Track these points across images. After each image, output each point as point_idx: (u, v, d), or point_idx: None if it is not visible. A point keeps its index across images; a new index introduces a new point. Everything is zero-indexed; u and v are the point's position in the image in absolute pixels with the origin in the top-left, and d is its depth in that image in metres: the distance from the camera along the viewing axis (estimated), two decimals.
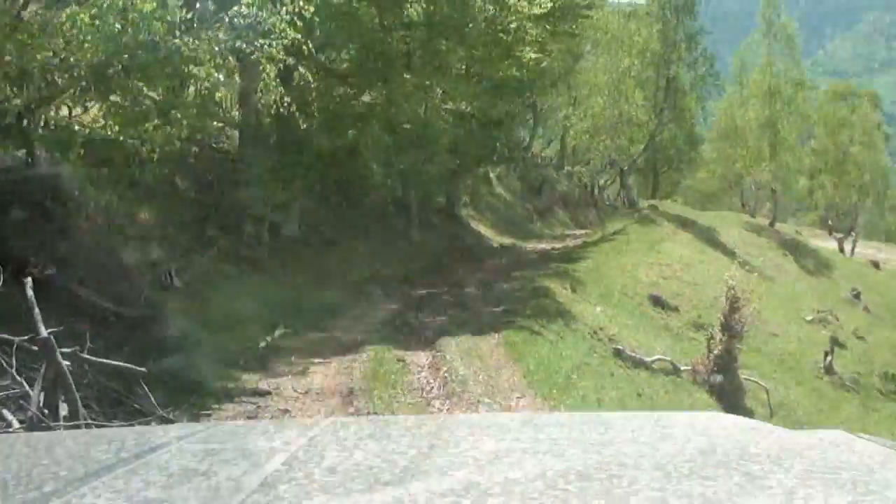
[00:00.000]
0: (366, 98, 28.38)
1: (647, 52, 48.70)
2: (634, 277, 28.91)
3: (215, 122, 27.64)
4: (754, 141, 53.46)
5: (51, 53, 14.14)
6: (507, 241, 41.91)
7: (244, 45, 16.26)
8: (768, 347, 27.13)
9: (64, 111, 14.54)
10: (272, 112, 25.52)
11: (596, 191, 72.31)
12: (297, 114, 25.23)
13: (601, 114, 45.64)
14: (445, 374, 13.91)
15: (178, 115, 21.52)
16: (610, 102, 45.34)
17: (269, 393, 13.14)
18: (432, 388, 13.41)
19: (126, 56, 14.36)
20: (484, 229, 42.53)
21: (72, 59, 14.41)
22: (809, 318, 33.63)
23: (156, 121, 15.83)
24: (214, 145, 28.99)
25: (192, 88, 28.30)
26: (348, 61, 29.50)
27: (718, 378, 21.28)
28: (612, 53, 46.30)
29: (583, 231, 51.94)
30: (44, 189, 15.48)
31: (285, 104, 19.96)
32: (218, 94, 27.25)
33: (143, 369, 11.42)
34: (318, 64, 28.24)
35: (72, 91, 15.13)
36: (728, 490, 1.75)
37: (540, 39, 32.51)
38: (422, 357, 15.68)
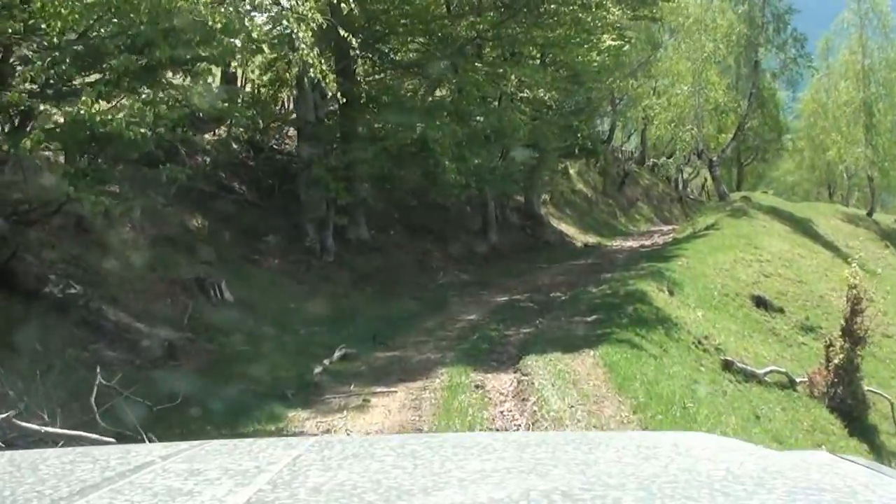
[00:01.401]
0: (435, 90, 26.11)
1: (731, 35, 45.87)
2: (733, 276, 26.42)
3: (271, 122, 25.89)
4: (847, 126, 50.33)
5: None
6: (590, 239, 40.09)
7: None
8: (883, 351, 24.50)
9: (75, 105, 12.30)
10: (333, 108, 23.56)
11: (680, 184, 70.04)
12: (361, 108, 23.22)
13: (686, 102, 42.81)
14: (534, 408, 11.49)
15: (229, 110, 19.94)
16: (694, 90, 42.52)
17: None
18: (519, 427, 10.95)
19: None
20: (565, 227, 40.50)
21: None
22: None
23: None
24: (276, 146, 27.16)
25: (246, 86, 26.80)
26: (415, 51, 27.38)
27: (839, 391, 18.69)
28: (694, 38, 43.43)
29: (669, 227, 50.31)
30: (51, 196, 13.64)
31: (342, 96, 17.79)
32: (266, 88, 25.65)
33: None
34: (382, 55, 26.18)
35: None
36: None
37: (619, 25, 30.25)
38: (504, 381, 13.29)
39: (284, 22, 15.11)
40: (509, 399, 12.34)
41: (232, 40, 14.13)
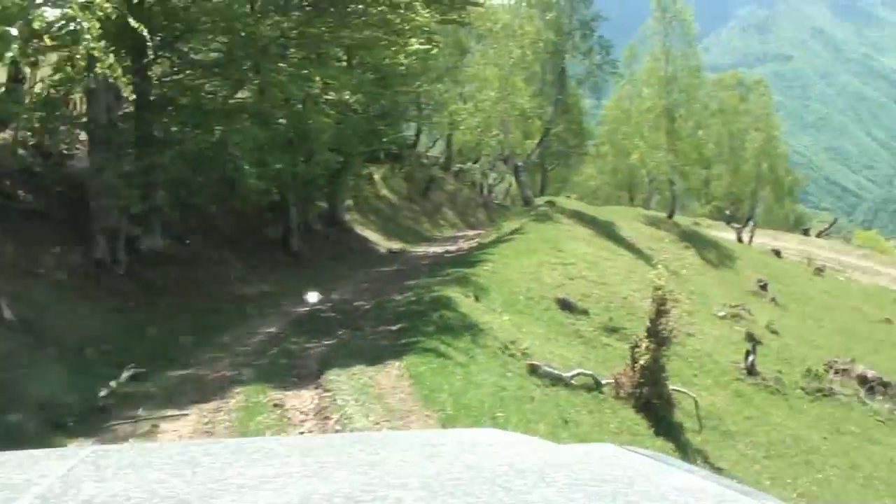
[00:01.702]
0: (237, 91, 25.14)
1: (539, 41, 46.19)
2: (539, 280, 26.41)
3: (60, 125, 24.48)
4: (650, 131, 51.33)
5: None
6: (395, 245, 39.59)
7: None
8: (685, 349, 24.75)
9: None
10: (128, 110, 22.40)
11: (485, 190, 70.45)
12: (158, 110, 22.15)
13: (492, 108, 42.80)
14: (337, 427, 10.84)
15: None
16: (501, 96, 42.55)
17: None
18: None
19: None
20: (370, 234, 39.97)
21: None
22: (721, 313, 31.47)
23: None
24: (66, 151, 25.72)
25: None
26: (216, 51, 26.33)
27: (645, 391, 18.64)
28: (501, 44, 43.46)
29: (474, 232, 50.31)
30: None
31: (137, 98, 16.78)
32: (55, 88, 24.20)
33: None
34: (182, 54, 25.05)
35: None
36: None
37: (427, 28, 29.86)
38: (305, 399, 12.53)
39: (68, 10, 13.87)
40: (310, 418, 11.65)
41: (8, 28, 12.97)
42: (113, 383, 13.22)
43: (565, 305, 24.64)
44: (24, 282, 19.17)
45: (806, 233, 71.13)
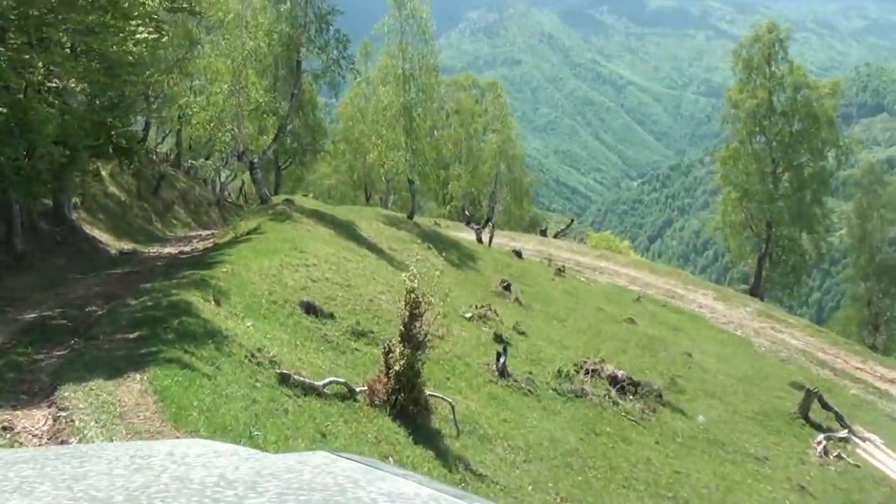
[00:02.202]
0: None
1: (273, 33, 44.99)
2: (281, 282, 25.42)
3: None
4: (388, 130, 50.97)
5: None
6: (126, 246, 38.35)
7: None
8: (436, 352, 24.17)
9: None
10: None
11: (218, 188, 69.07)
12: None
13: (225, 102, 41.31)
14: None
15: None
16: (234, 89, 41.14)
17: None
18: None
19: None
20: (99, 233, 38.34)
21: None
22: (469, 315, 31.27)
23: None
24: None
25: None
26: None
27: (401, 398, 18.01)
28: (234, 35, 42.02)
29: (208, 232, 49.73)
30: None
31: None
32: None
33: None
34: None
35: None
36: None
37: (156, 16, 28.35)
38: (38, 419, 11.10)
39: None
40: (45, 441, 10.35)
41: None
42: None
43: (310, 309, 23.73)
44: None
45: (543, 233, 72.29)
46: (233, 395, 13.53)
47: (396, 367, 18.02)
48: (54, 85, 24.78)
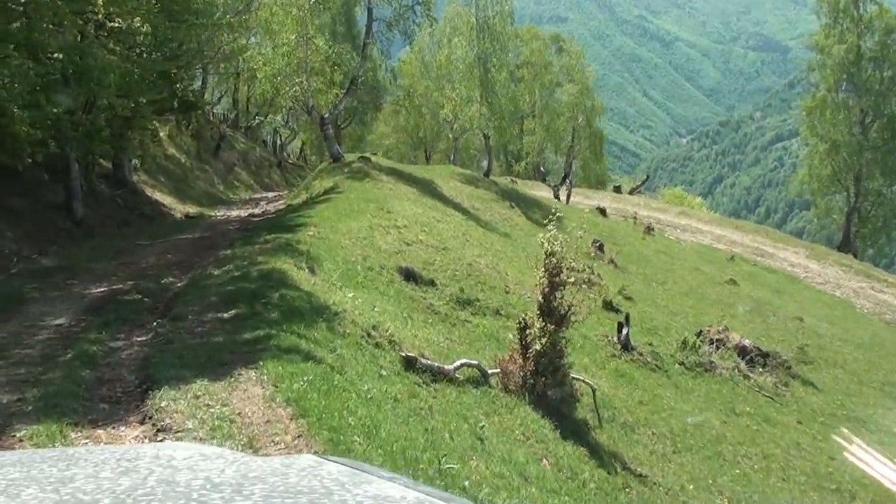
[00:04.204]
0: None
1: None
2: (373, 245, 22.83)
3: None
4: (462, 83, 48.02)
5: None
6: (191, 209, 36.38)
7: None
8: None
9: None
10: None
11: (277, 148, 67.25)
12: None
13: (292, 53, 38.50)
14: None
15: None
16: (301, 40, 38.26)
17: None
18: None
19: None
20: (161, 197, 36.25)
21: None
22: (571, 279, 28.26)
23: None
24: None
25: None
26: None
27: (543, 383, 15.10)
28: None
29: (273, 193, 47.77)
30: None
31: None
32: None
33: None
34: None
35: None
36: None
37: None
38: (130, 444, 8.21)
39: None
40: None
41: None
42: None
43: (409, 275, 21.15)
44: None
45: (618, 190, 69.08)
46: (375, 397, 10.61)
47: (536, 346, 15.14)
48: (116, 25, 21.97)
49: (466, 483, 8.75)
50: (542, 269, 15.90)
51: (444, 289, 21.31)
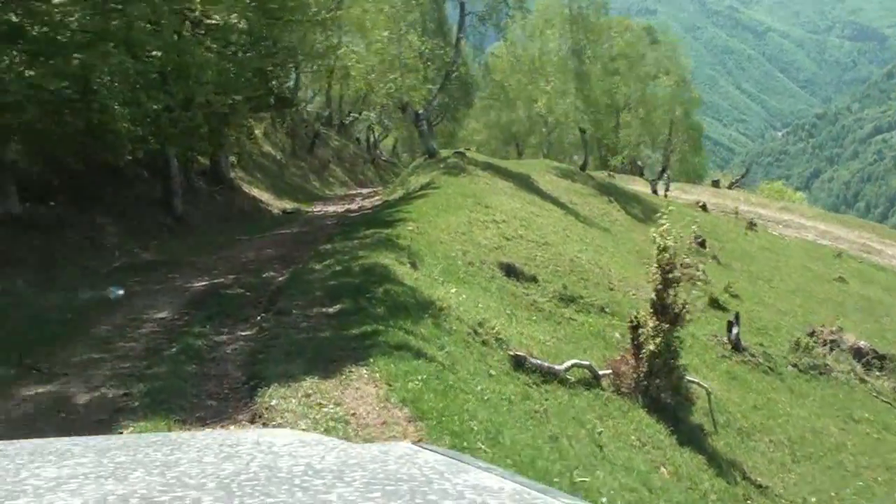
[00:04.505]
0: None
1: None
2: (473, 240, 22.52)
3: None
4: (556, 75, 47.46)
5: None
6: (287, 205, 36.21)
7: None
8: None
9: None
10: None
11: (371, 146, 67.27)
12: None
13: (385, 50, 38.32)
14: None
15: None
16: (394, 37, 38.07)
17: None
18: None
19: None
20: (258, 193, 36.35)
21: None
22: (684, 276, 27.67)
23: None
24: None
25: None
26: None
27: (657, 385, 14.70)
28: None
29: (368, 189, 47.80)
30: None
31: None
32: None
33: None
34: None
35: None
36: None
37: None
38: None
39: None
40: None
41: None
42: None
43: (510, 271, 20.89)
44: None
45: (716, 184, 67.78)
46: (492, 400, 10.33)
47: (650, 347, 14.72)
48: (213, 21, 21.96)
49: (604, 501, 8.45)
50: (655, 265, 15.45)
51: (547, 285, 21.00)
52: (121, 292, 15.82)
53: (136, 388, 9.45)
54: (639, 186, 53.47)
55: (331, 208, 36.43)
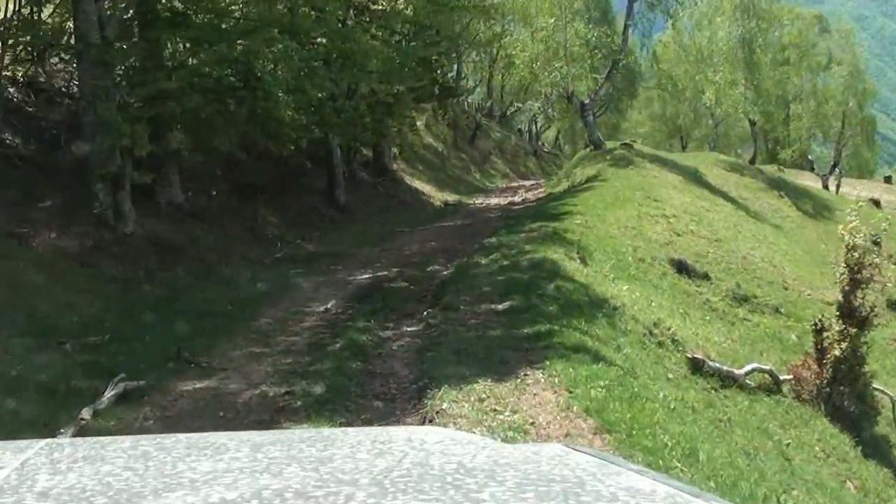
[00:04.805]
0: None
1: None
2: (642, 235, 21.71)
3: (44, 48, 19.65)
4: (726, 65, 45.97)
5: None
6: (449, 197, 35.84)
7: None
8: None
9: None
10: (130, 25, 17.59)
11: (533, 137, 66.70)
12: (166, 26, 17.19)
13: (551, 38, 37.57)
14: None
15: None
16: (561, 24, 37.29)
17: None
18: None
19: None
20: (420, 184, 35.99)
21: None
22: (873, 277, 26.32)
23: None
24: (65, 88, 20.94)
25: None
26: None
27: (841, 392, 13.68)
28: None
29: (530, 182, 47.23)
30: None
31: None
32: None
33: None
34: None
35: None
36: None
37: None
38: None
39: None
40: None
41: None
42: (86, 413, 8.18)
43: (682, 268, 20.04)
44: (6, 245, 14.47)
45: (888, 180, 64.90)
46: (675, 408, 9.50)
47: (835, 352, 13.70)
48: (380, 7, 21.58)
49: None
50: (843, 264, 14.41)
51: (719, 283, 20.20)
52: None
53: (299, 385, 8.93)
54: (808, 181, 51.50)
55: (493, 200, 35.77)
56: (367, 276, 16.58)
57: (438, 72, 29.22)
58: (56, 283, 14.01)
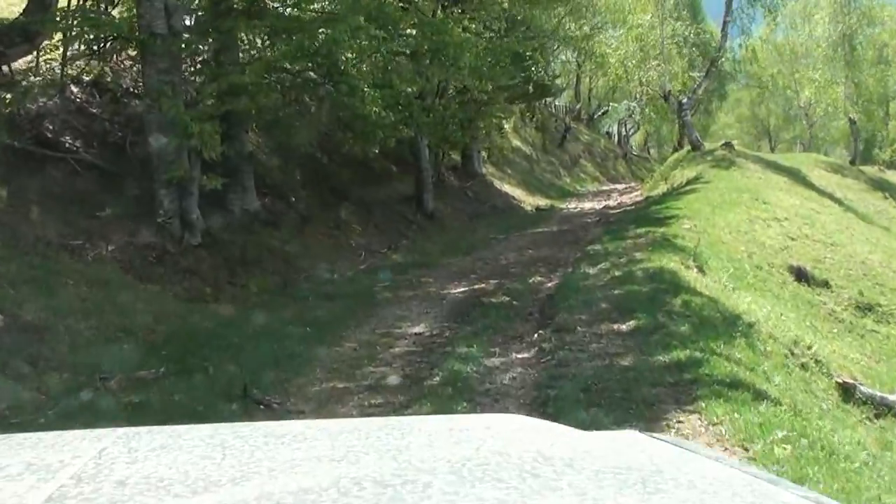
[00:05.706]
0: None
1: None
2: (755, 240, 20.28)
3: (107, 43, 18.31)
4: (825, 63, 44.11)
5: None
6: (540, 202, 34.37)
7: None
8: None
9: None
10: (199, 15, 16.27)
11: (622, 140, 65.55)
12: (240, 15, 15.71)
13: (648, 35, 36.01)
14: None
15: None
16: (658, 20, 35.70)
17: None
18: None
19: None
20: (509, 189, 34.65)
21: None
22: None
23: None
24: (133, 88, 19.56)
25: None
26: None
27: None
28: None
29: (623, 185, 47.06)
30: None
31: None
32: None
33: None
34: None
35: None
36: (521, 492, 1.71)
37: None
38: None
39: None
40: None
41: None
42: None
43: (800, 275, 18.69)
44: (53, 261, 13.03)
45: None
46: (844, 449, 7.64)
47: None
48: None
49: None
50: None
51: (841, 291, 18.91)
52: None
53: None
54: None
55: (586, 205, 34.68)
56: (462, 289, 14.86)
57: (533, 70, 27.56)
58: (108, 303, 12.43)
